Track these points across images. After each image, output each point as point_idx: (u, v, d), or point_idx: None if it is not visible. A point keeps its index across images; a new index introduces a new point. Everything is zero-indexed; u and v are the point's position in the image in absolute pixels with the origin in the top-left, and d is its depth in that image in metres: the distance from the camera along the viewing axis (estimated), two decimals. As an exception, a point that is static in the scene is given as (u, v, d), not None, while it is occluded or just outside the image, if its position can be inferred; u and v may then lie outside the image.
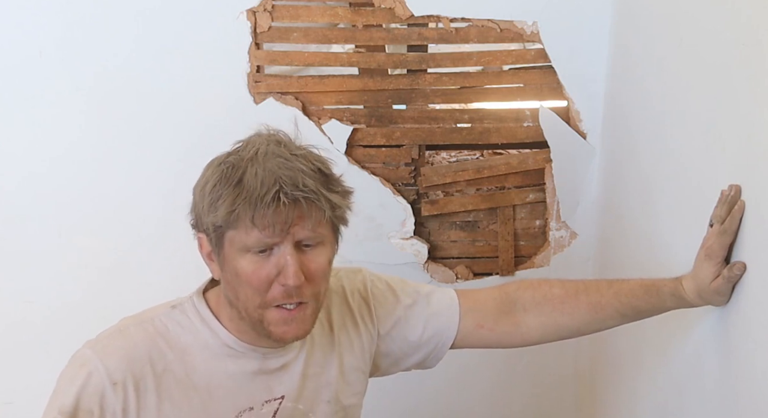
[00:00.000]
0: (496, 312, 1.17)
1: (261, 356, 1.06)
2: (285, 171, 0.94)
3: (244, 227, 0.94)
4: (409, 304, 1.18)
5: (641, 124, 1.43)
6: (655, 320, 1.15)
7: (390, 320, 1.17)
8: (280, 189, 0.92)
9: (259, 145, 0.97)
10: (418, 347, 1.18)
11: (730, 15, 1.01)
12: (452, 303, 1.18)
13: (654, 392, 1.33)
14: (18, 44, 1.68)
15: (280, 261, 0.96)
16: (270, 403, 1.07)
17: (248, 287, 0.97)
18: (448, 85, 1.78)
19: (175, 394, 1.02)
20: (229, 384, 1.04)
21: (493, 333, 1.17)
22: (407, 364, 1.21)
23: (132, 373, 0.99)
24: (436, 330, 1.17)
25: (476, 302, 1.18)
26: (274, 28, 1.70)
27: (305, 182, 0.94)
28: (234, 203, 0.93)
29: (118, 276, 1.79)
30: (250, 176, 0.93)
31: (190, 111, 1.71)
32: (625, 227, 1.54)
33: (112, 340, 1.03)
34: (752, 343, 0.93)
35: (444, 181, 1.82)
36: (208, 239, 1.00)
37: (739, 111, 0.97)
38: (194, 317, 1.05)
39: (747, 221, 0.95)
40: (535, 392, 1.98)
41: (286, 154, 0.96)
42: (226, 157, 0.99)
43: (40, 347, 1.79)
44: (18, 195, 1.77)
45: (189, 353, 1.03)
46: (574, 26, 1.67)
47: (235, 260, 0.97)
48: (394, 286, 1.20)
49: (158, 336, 1.03)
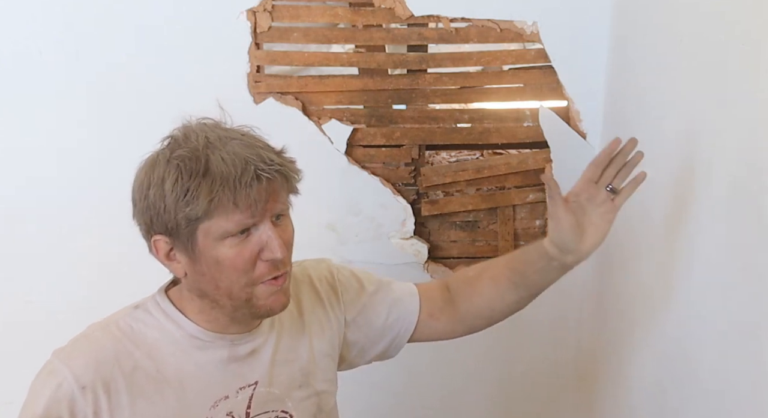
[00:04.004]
0: (440, 301, 1.24)
1: (229, 343, 1.06)
2: (248, 150, 0.95)
3: (224, 213, 0.94)
4: (372, 291, 1.22)
5: (641, 124, 1.43)
6: (653, 311, 1.15)
7: (356, 306, 1.21)
8: (256, 167, 0.94)
9: (206, 133, 0.97)
10: (383, 332, 1.22)
11: (730, 15, 1.02)
12: (412, 290, 1.24)
13: (654, 386, 1.33)
14: (18, 44, 1.68)
15: (262, 238, 0.98)
16: (244, 389, 1.07)
17: (233, 270, 0.98)
18: (448, 85, 1.78)
19: (147, 391, 1.02)
20: (200, 375, 1.05)
21: (440, 322, 1.23)
22: (372, 353, 1.25)
23: (100, 375, 0.99)
24: (398, 315, 1.22)
25: (427, 291, 1.25)
26: (274, 28, 1.70)
27: (270, 157, 0.96)
28: (211, 191, 0.93)
29: (118, 276, 1.79)
30: (218, 162, 0.93)
31: (190, 111, 1.70)
32: (625, 227, 1.54)
33: (78, 345, 1.03)
34: (749, 334, 0.93)
35: (444, 181, 1.82)
36: (169, 239, 0.99)
37: (739, 111, 0.97)
38: (158, 314, 1.06)
39: (747, 219, 0.95)
40: (534, 387, 1.98)
41: (238, 136, 0.98)
42: (170, 153, 0.97)
43: (40, 347, 1.77)
44: (18, 195, 1.77)
45: (156, 349, 1.04)
46: (574, 26, 1.68)
47: (214, 249, 0.97)
48: (359, 274, 1.24)
49: (123, 336, 1.03)
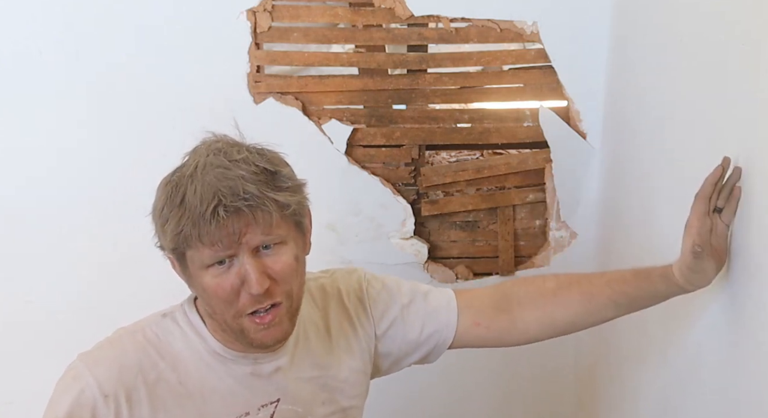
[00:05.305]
0: (492, 309, 1.16)
1: (252, 361, 1.05)
2: (224, 182, 0.91)
3: (196, 246, 0.93)
4: (405, 303, 1.17)
5: (641, 124, 1.43)
6: (656, 315, 1.14)
7: (387, 319, 1.16)
8: (219, 203, 0.91)
9: (198, 159, 0.95)
10: (418, 345, 1.17)
11: (730, 15, 1.01)
12: (450, 301, 1.17)
13: (655, 388, 1.33)
14: (18, 44, 1.68)
15: (241, 271, 0.95)
16: (266, 407, 1.06)
17: (217, 300, 0.97)
18: (448, 85, 1.77)
19: (168, 403, 1.01)
20: (223, 390, 1.04)
21: (490, 331, 1.16)
22: (408, 362, 1.20)
23: (123, 384, 0.99)
24: (434, 328, 1.16)
25: (473, 300, 1.18)
26: (274, 28, 1.70)
27: (246, 189, 0.92)
28: (179, 225, 0.92)
29: (118, 276, 1.79)
30: (191, 194, 0.92)
31: (189, 111, 1.71)
32: (625, 227, 1.54)
33: (103, 351, 1.03)
34: (751, 339, 0.93)
35: (444, 181, 1.82)
36: (175, 260, 1.00)
37: (739, 111, 0.97)
38: (185, 325, 1.05)
39: (747, 220, 0.95)
40: (536, 391, 1.98)
41: (225, 163, 0.93)
42: (171, 176, 0.97)
43: (40, 347, 1.79)
44: (18, 195, 1.77)
45: (181, 361, 1.03)
46: (574, 26, 1.68)
47: (199, 277, 0.97)
48: (391, 285, 1.19)
49: (149, 345, 1.03)
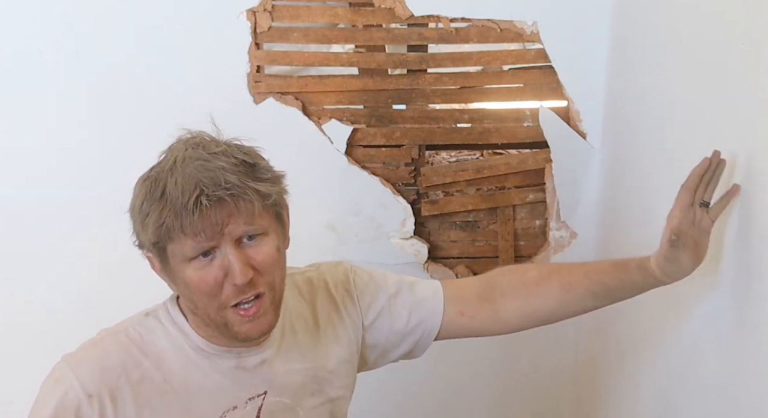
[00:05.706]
0: (476, 299, 1.17)
1: (236, 355, 1.06)
2: (204, 173, 0.92)
3: (178, 238, 0.94)
4: (392, 293, 1.18)
5: (641, 124, 1.43)
6: (656, 312, 1.15)
7: (374, 310, 1.17)
8: (201, 193, 0.91)
9: (177, 154, 0.96)
10: (404, 336, 1.18)
11: (730, 15, 1.02)
12: (436, 291, 1.18)
13: (654, 384, 1.33)
14: (18, 44, 1.68)
15: (224, 262, 0.95)
16: (253, 400, 1.07)
17: (200, 293, 0.97)
18: (448, 85, 1.77)
19: (154, 401, 1.01)
20: (209, 385, 1.04)
21: (474, 320, 1.17)
22: (395, 355, 1.21)
23: (107, 384, 0.99)
24: (421, 318, 1.17)
25: (458, 290, 1.19)
26: (274, 28, 1.70)
27: (227, 179, 0.92)
28: (161, 217, 0.92)
29: (118, 276, 1.78)
30: (171, 186, 0.92)
31: (190, 111, 1.69)
32: (625, 227, 1.54)
33: (86, 352, 1.03)
34: (749, 334, 0.93)
35: (444, 181, 1.82)
36: (154, 257, 0.99)
37: (739, 110, 0.97)
38: (168, 323, 1.05)
39: (747, 219, 0.95)
40: (535, 387, 1.97)
41: (204, 156, 0.94)
42: (149, 172, 0.98)
43: (40, 347, 1.78)
44: (18, 195, 1.77)
45: (165, 359, 1.03)
46: (574, 26, 1.68)
47: (181, 271, 0.97)
48: (377, 277, 1.20)
49: (132, 345, 1.03)
